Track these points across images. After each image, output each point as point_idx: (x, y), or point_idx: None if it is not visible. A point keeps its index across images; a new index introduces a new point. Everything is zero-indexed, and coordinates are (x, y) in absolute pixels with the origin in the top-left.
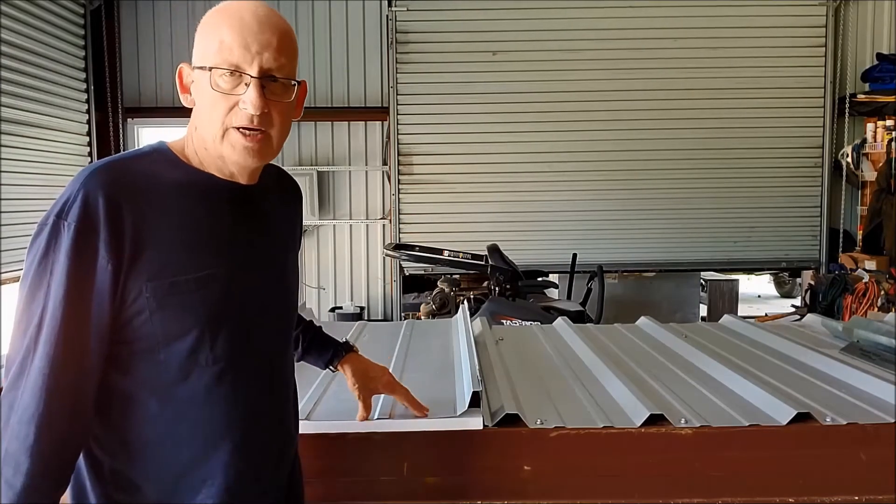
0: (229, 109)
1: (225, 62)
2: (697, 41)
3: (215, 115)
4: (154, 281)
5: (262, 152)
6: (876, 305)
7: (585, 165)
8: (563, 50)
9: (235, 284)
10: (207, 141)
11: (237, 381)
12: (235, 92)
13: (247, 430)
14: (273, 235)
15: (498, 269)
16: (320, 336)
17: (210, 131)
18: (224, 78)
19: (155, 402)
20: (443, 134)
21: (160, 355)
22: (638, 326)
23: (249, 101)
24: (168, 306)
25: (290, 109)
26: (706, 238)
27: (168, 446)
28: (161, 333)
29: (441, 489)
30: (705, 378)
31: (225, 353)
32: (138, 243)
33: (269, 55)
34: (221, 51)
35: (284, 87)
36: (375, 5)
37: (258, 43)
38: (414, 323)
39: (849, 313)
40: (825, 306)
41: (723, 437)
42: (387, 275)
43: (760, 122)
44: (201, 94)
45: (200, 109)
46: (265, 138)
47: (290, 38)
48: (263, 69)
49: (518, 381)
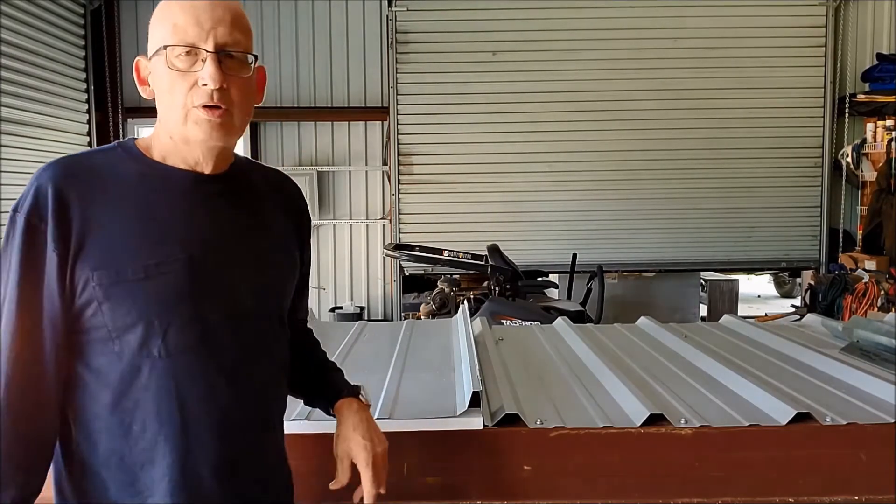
0: (189, 89)
1: (180, 41)
2: (697, 41)
3: (176, 97)
4: (100, 270)
5: (225, 128)
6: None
7: (585, 165)
8: (563, 50)
9: (192, 275)
10: (171, 126)
11: (193, 379)
12: (193, 70)
13: (199, 432)
14: (255, 230)
15: (498, 269)
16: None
17: (172, 115)
18: (181, 58)
19: (109, 394)
20: (443, 134)
21: (115, 346)
22: (638, 326)
23: (208, 75)
24: (115, 296)
25: (250, 87)
26: (706, 238)
27: (120, 442)
28: (111, 324)
29: (441, 489)
30: (705, 378)
31: (178, 347)
32: (85, 234)
33: (224, 30)
34: (176, 32)
35: (241, 63)
36: (375, 5)
37: (211, 19)
38: (414, 323)
39: (849, 313)
40: (825, 306)
41: (723, 437)
42: (387, 275)
43: (760, 122)
44: (159, 80)
45: (161, 96)
46: (227, 114)
47: (243, 16)
48: (219, 44)
49: (518, 381)
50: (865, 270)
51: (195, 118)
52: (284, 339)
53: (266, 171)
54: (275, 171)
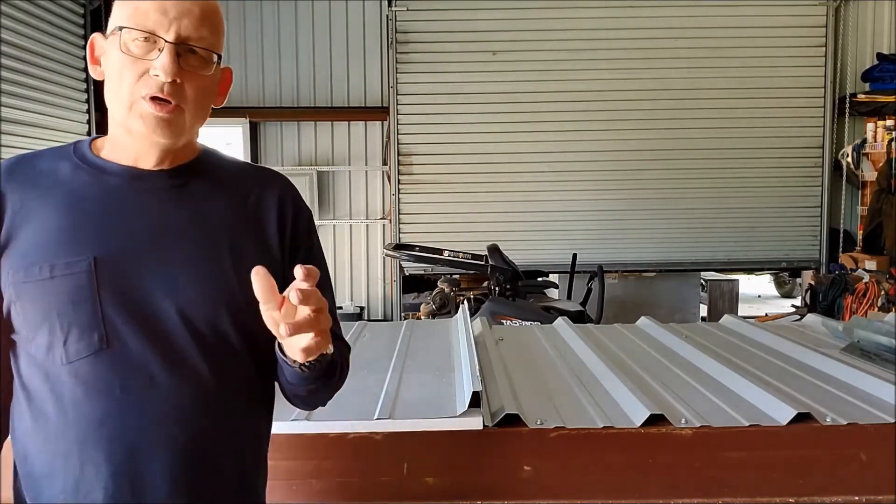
0: (139, 77)
1: (139, 25)
2: (697, 41)
3: (124, 83)
4: (14, 268)
5: (172, 126)
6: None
7: (586, 165)
8: (563, 50)
9: (96, 276)
10: (116, 114)
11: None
12: (147, 57)
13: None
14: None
15: (498, 269)
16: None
17: (118, 103)
18: (137, 42)
19: (25, 400)
20: (443, 134)
21: (31, 349)
22: (638, 326)
23: (161, 66)
24: (24, 296)
25: (210, 88)
26: (706, 238)
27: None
28: (24, 326)
29: (441, 489)
30: (705, 378)
31: (78, 354)
32: (11, 232)
33: (189, 23)
34: (136, 15)
35: (203, 61)
36: (375, 5)
37: (177, 8)
38: (414, 323)
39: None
40: (825, 306)
41: (723, 437)
42: (387, 275)
43: (760, 122)
44: (111, 62)
45: (109, 80)
46: (177, 111)
47: (215, 12)
48: (181, 36)
49: (518, 381)
50: (866, 270)
51: (140, 110)
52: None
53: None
54: (257, 168)
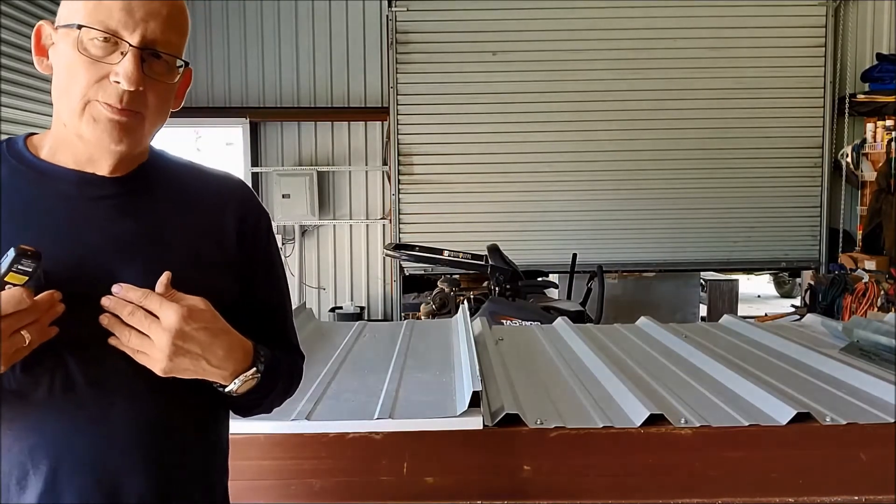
0: (96, 80)
1: (100, 24)
2: (697, 41)
3: (76, 85)
4: None
5: (131, 133)
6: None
7: (585, 165)
8: (563, 50)
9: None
10: (64, 115)
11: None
12: (107, 60)
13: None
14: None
15: (498, 269)
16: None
17: (67, 104)
18: (95, 42)
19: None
20: (443, 134)
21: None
22: (638, 326)
23: (124, 73)
24: None
25: (171, 93)
26: (706, 238)
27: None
28: None
29: (441, 489)
30: (705, 378)
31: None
32: None
33: (156, 25)
34: (98, 10)
35: (168, 67)
36: (375, 5)
37: (144, 9)
38: (414, 323)
39: (848, 313)
40: (825, 306)
41: (723, 437)
42: (387, 275)
43: (760, 122)
44: (62, 58)
45: (59, 78)
46: (137, 118)
47: (184, 14)
48: (147, 40)
49: (518, 381)
50: (865, 270)
51: (94, 113)
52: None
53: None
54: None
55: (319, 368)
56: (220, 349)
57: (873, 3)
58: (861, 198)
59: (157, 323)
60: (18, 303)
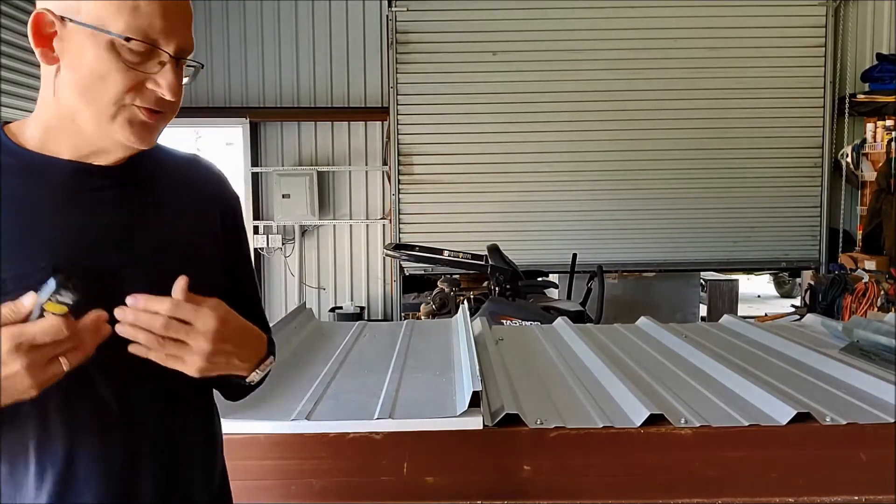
0: (133, 87)
1: (141, 34)
2: (697, 41)
3: (108, 89)
4: None
5: (155, 132)
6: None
7: (586, 165)
8: (563, 50)
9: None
10: (84, 116)
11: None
12: (145, 69)
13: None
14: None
15: (498, 269)
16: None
17: (93, 105)
18: (133, 49)
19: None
20: (443, 134)
21: None
22: (638, 326)
23: (167, 85)
24: None
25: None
26: (706, 238)
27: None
28: None
29: (441, 489)
30: (705, 378)
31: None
32: None
33: (186, 32)
34: (136, 16)
35: (185, 70)
36: (375, 5)
37: (178, 16)
38: (414, 323)
39: (848, 313)
40: (825, 306)
41: (723, 437)
42: (387, 275)
43: (760, 122)
44: (86, 59)
45: (79, 76)
46: (161, 118)
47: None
48: (181, 49)
49: (518, 381)
50: (865, 270)
51: (131, 116)
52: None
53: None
54: (192, 157)
55: (319, 368)
56: (249, 345)
57: (873, 3)
58: (861, 198)
59: (194, 329)
60: (57, 333)
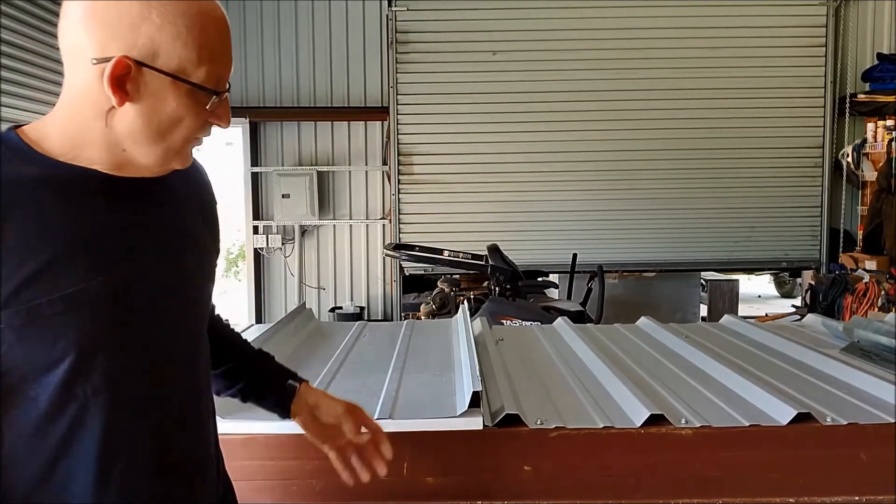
0: (200, 126)
1: (216, 81)
2: (697, 41)
3: (184, 132)
4: (7, 309)
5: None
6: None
7: (585, 165)
8: (562, 50)
9: (119, 297)
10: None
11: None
12: (210, 107)
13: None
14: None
15: (498, 269)
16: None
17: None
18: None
19: (23, 444)
20: (443, 134)
21: (31, 391)
22: (638, 326)
23: (226, 118)
24: (30, 335)
25: None
26: (706, 238)
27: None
28: (26, 367)
29: (441, 489)
30: (705, 378)
31: (108, 383)
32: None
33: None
34: (213, 65)
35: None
36: (375, 5)
37: (230, 56)
38: (414, 323)
39: (849, 313)
40: (825, 306)
41: (723, 437)
42: (387, 275)
43: (760, 122)
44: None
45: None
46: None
47: None
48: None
49: (518, 381)
50: (866, 270)
51: (188, 150)
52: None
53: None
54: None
55: (319, 368)
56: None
57: (873, 3)
58: (861, 198)
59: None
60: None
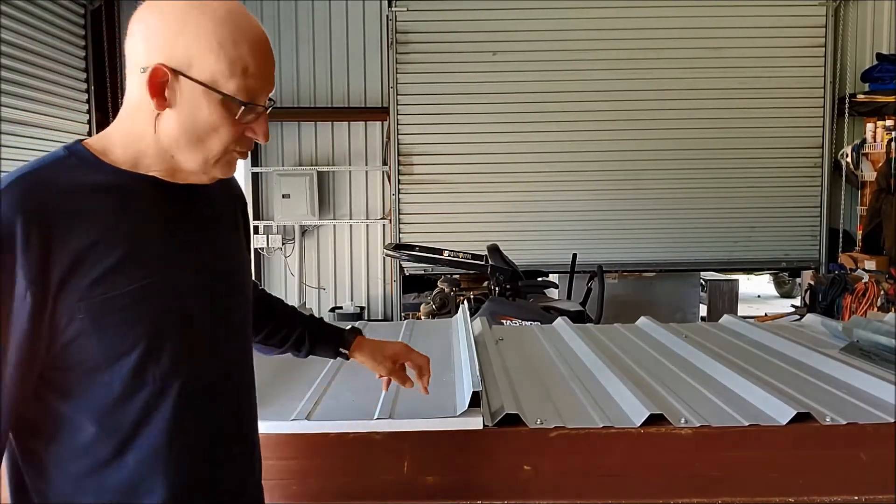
0: (237, 137)
1: (248, 94)
2: (697, 41)
3: (218, 140)
4: (86, 300)
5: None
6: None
7: (586, 165)
8: (563, 50)
9: (179, 291)
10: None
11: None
12: (246, 121)
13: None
14: (221, 234)
15: (498, 269)
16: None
17: (200, 152)
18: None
19: (94, 425)
20: (443, 134)
21: (104, 376)
22: (638, 326)
23: (262, 132)
24: (106, 326)
25: None
26: (706, 238)
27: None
28: (102, 355)
29: (441, 489)
30: (705, 378)
31: (174, 368)
32: (62, 263)
33: (274, 82)
34: (245, 78)
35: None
36: (375, 5)
37: (272, 71)
38: (414, 323)
39: (848, 313)
40: (825, 306)
41: (723, 437)
42: (387, 275)
43: (760, 122)
44: (200, 112)
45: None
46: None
47: None
48: (268, 99)
49: (518, 381)
50: (865, 270)
51: (230, 159)
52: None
53: None
54: None
55: (319, 368)
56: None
57: (873, 3)
58: (861, 198)
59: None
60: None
